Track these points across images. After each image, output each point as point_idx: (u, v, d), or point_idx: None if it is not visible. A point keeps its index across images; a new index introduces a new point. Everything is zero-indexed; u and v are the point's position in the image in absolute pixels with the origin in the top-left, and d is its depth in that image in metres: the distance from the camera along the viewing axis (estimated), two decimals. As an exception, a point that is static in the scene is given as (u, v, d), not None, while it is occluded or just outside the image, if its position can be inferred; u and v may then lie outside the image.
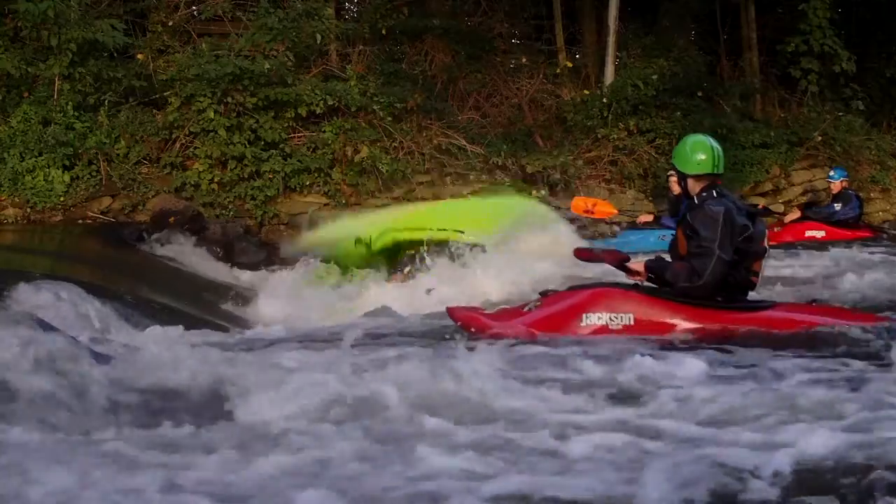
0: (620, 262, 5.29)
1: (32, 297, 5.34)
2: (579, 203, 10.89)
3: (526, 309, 5.31)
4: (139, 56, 10.68)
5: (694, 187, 5.22)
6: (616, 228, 11.24)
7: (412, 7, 13.40)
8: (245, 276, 8.23)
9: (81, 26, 9.74)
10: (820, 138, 13.69)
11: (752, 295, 5.31)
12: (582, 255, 5.59)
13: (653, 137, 12.58)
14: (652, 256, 5.39)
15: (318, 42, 11.25)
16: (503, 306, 5.73)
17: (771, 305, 5.32)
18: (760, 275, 5.25)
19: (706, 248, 4.92)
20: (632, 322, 5.04)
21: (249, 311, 6.99)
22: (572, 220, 11.37)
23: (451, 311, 5.50)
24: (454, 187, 10.79)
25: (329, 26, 11.32)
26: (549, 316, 5.20)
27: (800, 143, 13.72)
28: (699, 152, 5.21)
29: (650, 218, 11.15)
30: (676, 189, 10.88)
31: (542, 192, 9.35)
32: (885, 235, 11.95)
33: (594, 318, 5.07)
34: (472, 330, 5.24)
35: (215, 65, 9.71)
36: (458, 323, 5.36)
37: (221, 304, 7.07)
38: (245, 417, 3.51)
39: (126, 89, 10.16)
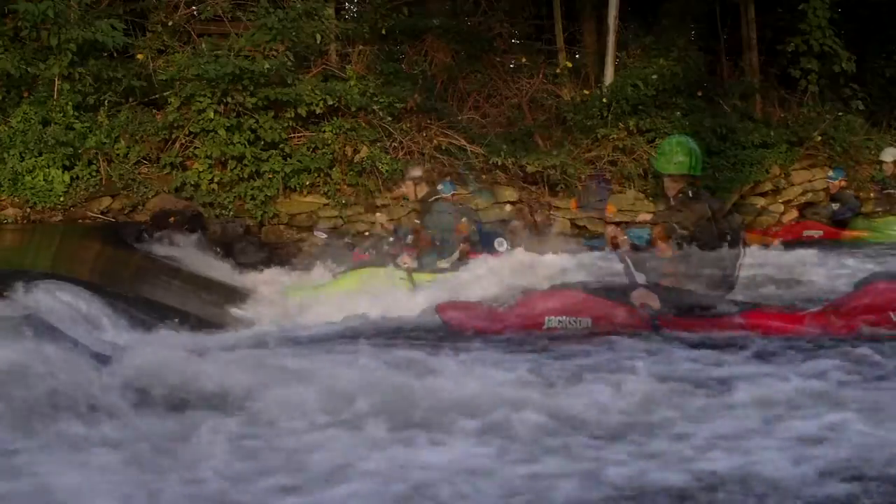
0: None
1: (32, 297, 5.34)
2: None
3: (501, 309, 5.56)
4: (139, 56, 10.67)
5: (671, 187, 5.27)
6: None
7: (412, 7, 13.39)
8: (245, 276, 8.23)
9: (81, 26, 9.73)
10: (820, 138, 13.69)
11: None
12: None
13: (653, 137, 12.56)
14: None
15: (318, 42, 11.24)
16: (492, 304, 5.94)
17: (749, 308, 5.38)
18: (738, 276, 5.31)
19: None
20: (589, 325, 5.22)
21: (249, 311, 7.00)
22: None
23: (439, 308, 5.72)
24: (454, 187, 10.78)
25: (329, 26, 11.32)
26: (518, 316, 5.43)
27: (800, 143, 13.71)
28: (679, 154, 5.26)
29: (651, 217, 11.13)
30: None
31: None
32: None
33: (555, 322, 5.27)
34: (455, 327, 5.49)
35: (215, 65, 9.69)
36: (443, 320, 5.60)
37: (221, 304, 7.08)
38: (244, 417, 3.51)
39: (126, 89, 10.15)
